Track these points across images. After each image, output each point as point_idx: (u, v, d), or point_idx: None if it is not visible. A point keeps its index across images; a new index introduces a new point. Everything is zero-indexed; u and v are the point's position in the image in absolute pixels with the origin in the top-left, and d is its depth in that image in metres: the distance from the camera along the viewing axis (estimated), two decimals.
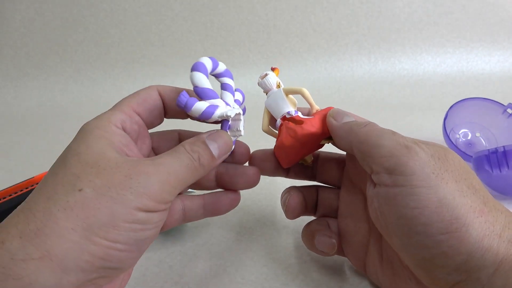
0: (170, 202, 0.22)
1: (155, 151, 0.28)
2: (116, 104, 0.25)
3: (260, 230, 0.36)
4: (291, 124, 0.27)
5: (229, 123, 0.26)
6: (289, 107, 0.28)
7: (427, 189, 0.20)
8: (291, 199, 0.29)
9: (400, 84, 0.81)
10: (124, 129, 0.23)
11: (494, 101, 0.47)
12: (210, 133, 0.24)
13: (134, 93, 0.26)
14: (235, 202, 0.29)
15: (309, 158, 0.30)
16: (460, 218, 0.19)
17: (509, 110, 0.47)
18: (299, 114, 0.28)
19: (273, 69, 0.29)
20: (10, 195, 0.39)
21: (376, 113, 0.69)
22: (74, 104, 0.82)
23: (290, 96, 0.28)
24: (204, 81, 0.24)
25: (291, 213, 0.29)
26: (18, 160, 0.56)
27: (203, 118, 0.24)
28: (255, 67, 0.85)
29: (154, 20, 0.86)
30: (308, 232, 0.29)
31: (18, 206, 0.19)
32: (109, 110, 0.24)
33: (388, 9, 0.85)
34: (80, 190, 0.18)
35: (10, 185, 0.40)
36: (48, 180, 0.19)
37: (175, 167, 0.21)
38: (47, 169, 0.21)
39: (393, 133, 0.22)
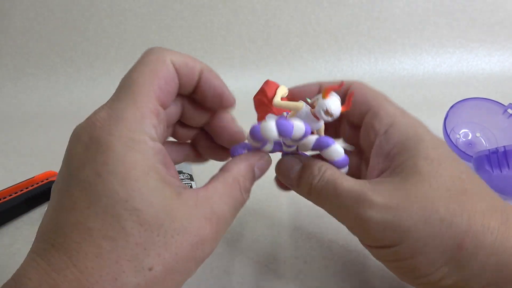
0: None
1: None
2: (134, 86, 0.19)
3: (260, 230, 0.36)
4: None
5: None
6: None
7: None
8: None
9: (400, 84, 0.81)
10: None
11: (494, 101, 0.47)
12: (260, 159, 0.23)
13: (146, 65, 0.19)
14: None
15: None
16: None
17: (509, 110, 0.46)
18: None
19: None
20: (10, 195, 0.39)
21: None
22: (74, 104, 0.82)
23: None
24: None
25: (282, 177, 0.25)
26: (18, 160, 0.56)
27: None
28: (255, 67, 0.85)
29: (154, 20, 0.86)
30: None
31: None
32: (131, 102, 0.18)
33: (388, 9, 0.85)
34: (150, 269, 0.17)
35: (10, 185, 0.40)
36: (102, 245, 0.16)
37: (231, 219, 0.20)
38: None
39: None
